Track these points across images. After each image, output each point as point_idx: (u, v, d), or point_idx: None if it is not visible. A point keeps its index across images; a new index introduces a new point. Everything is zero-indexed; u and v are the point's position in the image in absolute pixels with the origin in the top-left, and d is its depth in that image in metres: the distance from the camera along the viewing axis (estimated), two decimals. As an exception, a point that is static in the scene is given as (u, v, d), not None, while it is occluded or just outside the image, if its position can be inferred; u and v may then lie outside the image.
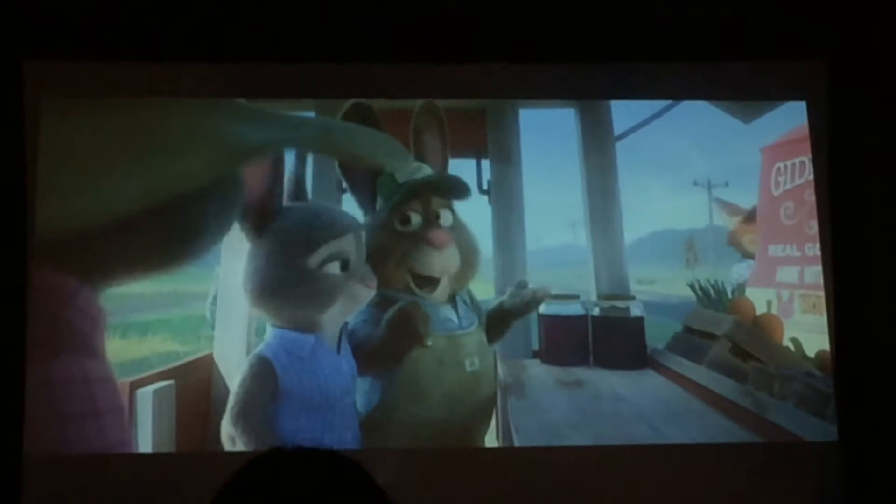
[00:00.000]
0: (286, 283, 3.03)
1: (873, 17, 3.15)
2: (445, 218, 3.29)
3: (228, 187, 2.97)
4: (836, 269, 3.10)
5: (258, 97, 3.18)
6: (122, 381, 2.99)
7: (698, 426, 3.12)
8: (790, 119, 3.27)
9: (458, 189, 3.38)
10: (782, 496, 2.99)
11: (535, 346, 3.46)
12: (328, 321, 3.11)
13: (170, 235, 2.91)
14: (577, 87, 3.26)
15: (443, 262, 3.28)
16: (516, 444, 3.11)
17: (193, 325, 3.28)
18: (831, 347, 3.12)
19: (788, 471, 3.03)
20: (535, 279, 3.37)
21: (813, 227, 3.22)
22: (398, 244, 3.27)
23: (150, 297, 3.12)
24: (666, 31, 3.17)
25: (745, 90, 3.22)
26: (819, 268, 3.17)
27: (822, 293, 3.16)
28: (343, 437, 3.06)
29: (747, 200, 3.42)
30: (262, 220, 3.05)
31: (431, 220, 3.30)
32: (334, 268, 3.06)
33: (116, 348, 2.98)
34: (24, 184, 3.00)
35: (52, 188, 2.98)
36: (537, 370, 3.42)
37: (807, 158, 3.25)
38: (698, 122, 3.30)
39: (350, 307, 3.14)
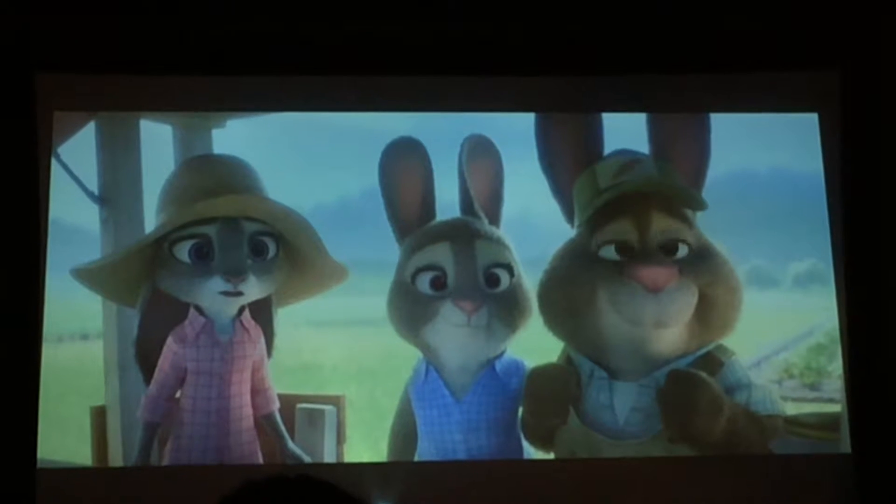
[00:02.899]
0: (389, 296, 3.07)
1: (885, 27, 3.14)
2: (676, 245, 3.00)
3: None
4: (848, 284, 3.09)
5: (268, 110, 3.18)
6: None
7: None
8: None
9: (690, 197, 3.07)
10: (795, 509, 2.99)
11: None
12: (428, 348, 3.07)
13: None
14: (581, 100, 3.21)
15: (658, 312, 2.99)
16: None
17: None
18: (844, 359, 3.11)
19: (801, 483, 3.01)
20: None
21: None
22: (589, 275, 3.00)
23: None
24: (676, 43, 3.16)
25: (756, 102, 3.19)
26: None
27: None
28: None
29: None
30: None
31: (648, 246, 3.03)
32: (424, 282, 3.05)
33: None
34: (37, 197, 3.01)
35: None
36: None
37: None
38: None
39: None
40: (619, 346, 3.01)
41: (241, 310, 3.04)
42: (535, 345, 3.08)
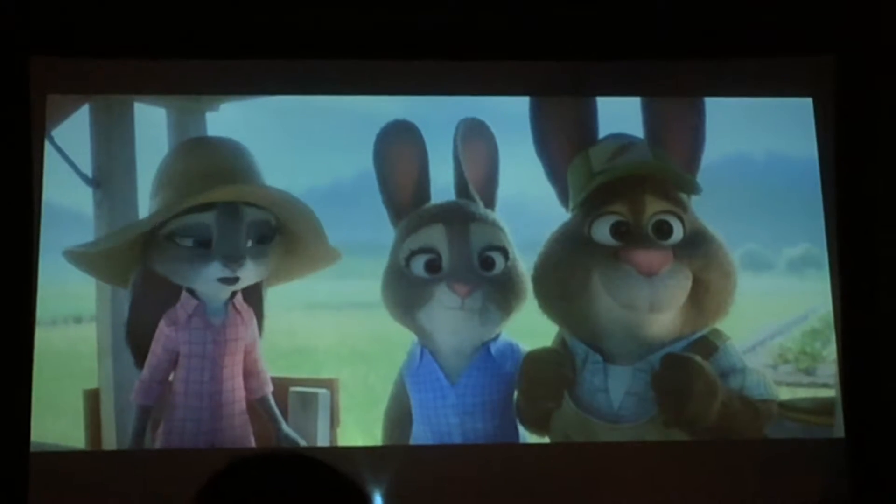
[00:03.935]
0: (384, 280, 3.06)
1: (881, 12, 3.13)
2: (670, 229, 3.02)
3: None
4: (842, 269, 3.09)
5: (262, 93, 3.18)
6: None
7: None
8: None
9: (684, 181, 3.06)
10: (787, 493, 2.98)
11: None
12: (422, 331, 3.06)
13: None
14: (577, 84, 3.20)
15: (652, 296, 2.98)
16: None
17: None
18: (838, 344, 3.11)
19: (795, 467, 3.01)
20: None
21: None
22: (583, 259, 2.99)
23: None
24: (671, 28, 3.15)
25: (750, 87, 3.18)
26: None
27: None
28: None
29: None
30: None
31: (643, 230, 3.03)
32: (418, 265, 3.03)
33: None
34: (31, 180, 3.01)
35: None
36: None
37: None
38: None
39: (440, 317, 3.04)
40: (614, 330, 3.01)
41: (234, 293, 3.04)
42: (530, 328, 3.08)
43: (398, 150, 3.09)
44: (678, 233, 3.00)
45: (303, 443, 3.04)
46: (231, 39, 3.07)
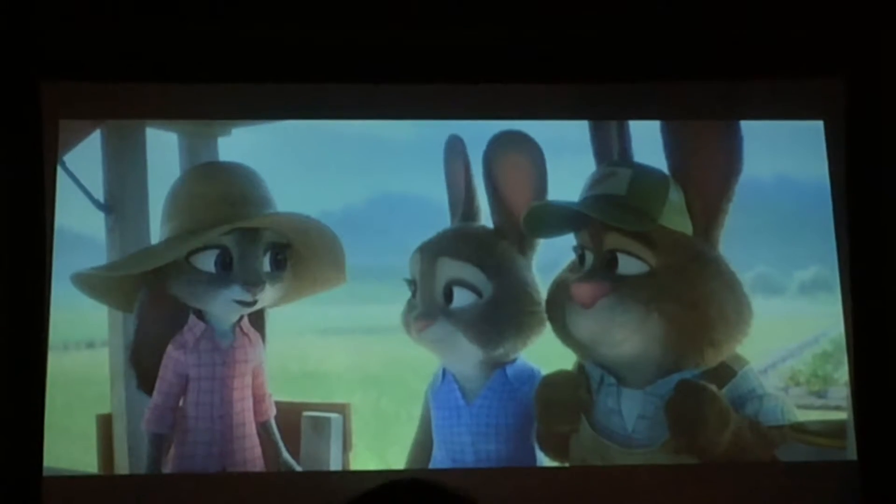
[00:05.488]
0: None
1: (890, 35, 3.15)
2: (617, 264, 2.93)
3: None
4: (854, 291, 3.09)
5: (275, 118, 3.18)
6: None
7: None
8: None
9: (630, 221, 2.90)
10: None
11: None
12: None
13: None
14: (588, 108, 3.20)
15: (591, 327, 2.93)
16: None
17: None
18: (850, 367, 3.10)
19: (807, 490, 3.00)
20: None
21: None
22: (553, 296, 3.01)
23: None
24: (679, 51, 3.16)
25: (760, 110, 3.19)
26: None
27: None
28: None
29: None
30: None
31: (595, 262, 2.93)
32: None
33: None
34: (43, 206, 3.02)
35: None
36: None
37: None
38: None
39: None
40: (602, 356, 3.00)
41: (241, 315, 3.05)
42: (549, 351, 3.07)
43: (448, 164, 3.12)
44: (632, 268, 2.94)
45: (298, 468, 3.06)
46: (244, 64, 3.08)
